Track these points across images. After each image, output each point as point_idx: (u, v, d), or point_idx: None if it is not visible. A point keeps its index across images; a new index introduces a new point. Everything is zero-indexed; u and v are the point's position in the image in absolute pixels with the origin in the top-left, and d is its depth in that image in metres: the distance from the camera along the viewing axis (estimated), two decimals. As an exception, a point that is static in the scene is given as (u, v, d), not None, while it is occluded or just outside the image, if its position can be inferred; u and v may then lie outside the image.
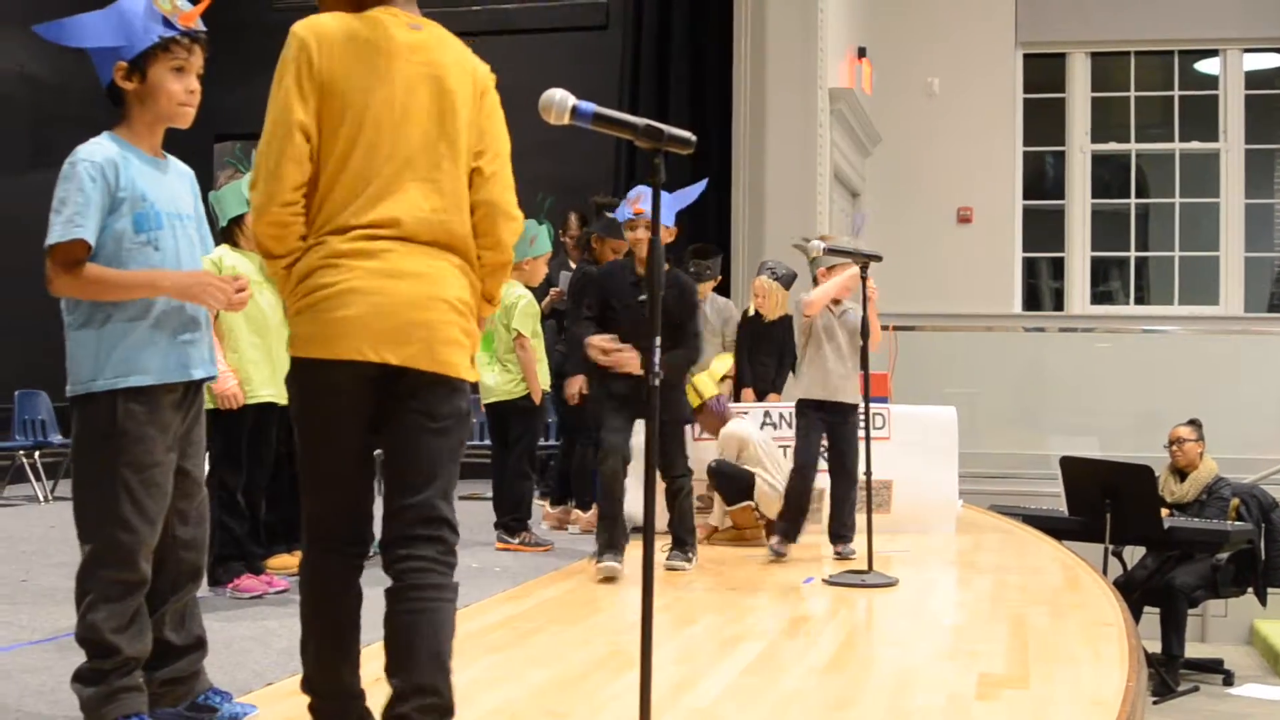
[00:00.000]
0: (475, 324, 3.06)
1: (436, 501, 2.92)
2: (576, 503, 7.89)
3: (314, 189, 2.92)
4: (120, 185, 3.24)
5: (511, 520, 7.02)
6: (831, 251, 6.37)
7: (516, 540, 6.94)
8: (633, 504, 7.29)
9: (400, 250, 2.92)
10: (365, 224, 2.90)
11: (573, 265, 8.77)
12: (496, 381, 7.05)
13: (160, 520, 3.26)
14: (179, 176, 3.45)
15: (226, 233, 5.59)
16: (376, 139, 2.93)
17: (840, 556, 6.62)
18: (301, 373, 2.95)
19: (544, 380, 7.13)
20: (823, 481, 6.91)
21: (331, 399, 2.92)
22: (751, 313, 8.26)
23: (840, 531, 6.72)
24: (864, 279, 6.11)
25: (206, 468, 3.88)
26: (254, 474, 5.57)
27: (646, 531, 2.76)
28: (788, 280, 8.18)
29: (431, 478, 2.92)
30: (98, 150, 3.25)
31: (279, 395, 5.44)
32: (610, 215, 7.95)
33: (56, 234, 3.15)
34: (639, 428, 6.31)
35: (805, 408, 6.69)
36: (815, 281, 6.87)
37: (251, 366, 5.49)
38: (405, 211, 2.93)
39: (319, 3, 3.03)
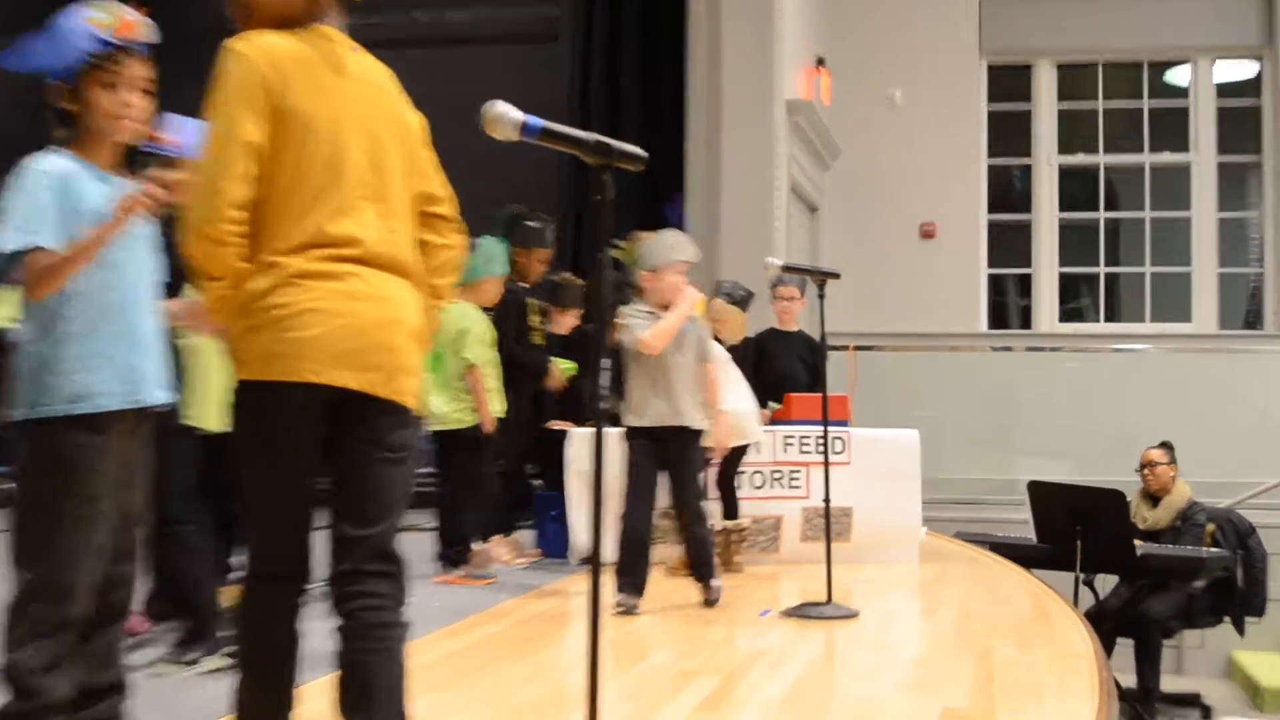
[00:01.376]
0: (423, 356, 3.11)
1: (389, 536, 2.94)
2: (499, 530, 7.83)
3: (261, 210, 2.93)
4: (73, 199, 3.26)
5: (454, 553, 7.01)
6: (789, 269, 6.41)
7: (458, 573, 6.93)
8: (578, 534, 7.31)
9: (364, 273, 2.96)
10: (326, 242, 2.93)
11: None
12: (445, 409, 7.04)
13: (104, 556, 3.25)
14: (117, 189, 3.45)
15: None
16: (330, 156, 2.96)
17: (709, 601, 6.13)
18: (253, 395, 2.94)
19: (496, 408, 7.12)
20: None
21: (286, 424, 2.92)
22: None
23: (703, 573, 6.17)
24: (821, 296, 6.15)
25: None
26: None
27: (594, 564, 2.77)
28: (745, 301, 8.22)
29: (386, 510, 2.95)
30: (48, 162, 3.27)
31: (199, 419, 5.41)
32: (531, 225, 7.96)
33: (10, 240, 3.15)
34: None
35: (634, 436, 6.14)
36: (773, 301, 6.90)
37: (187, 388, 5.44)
38: (365, 230, 2.97)
39: (242, 23, 3.04)
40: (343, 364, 2.90)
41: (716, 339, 8.14)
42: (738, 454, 7.28)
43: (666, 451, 6.09)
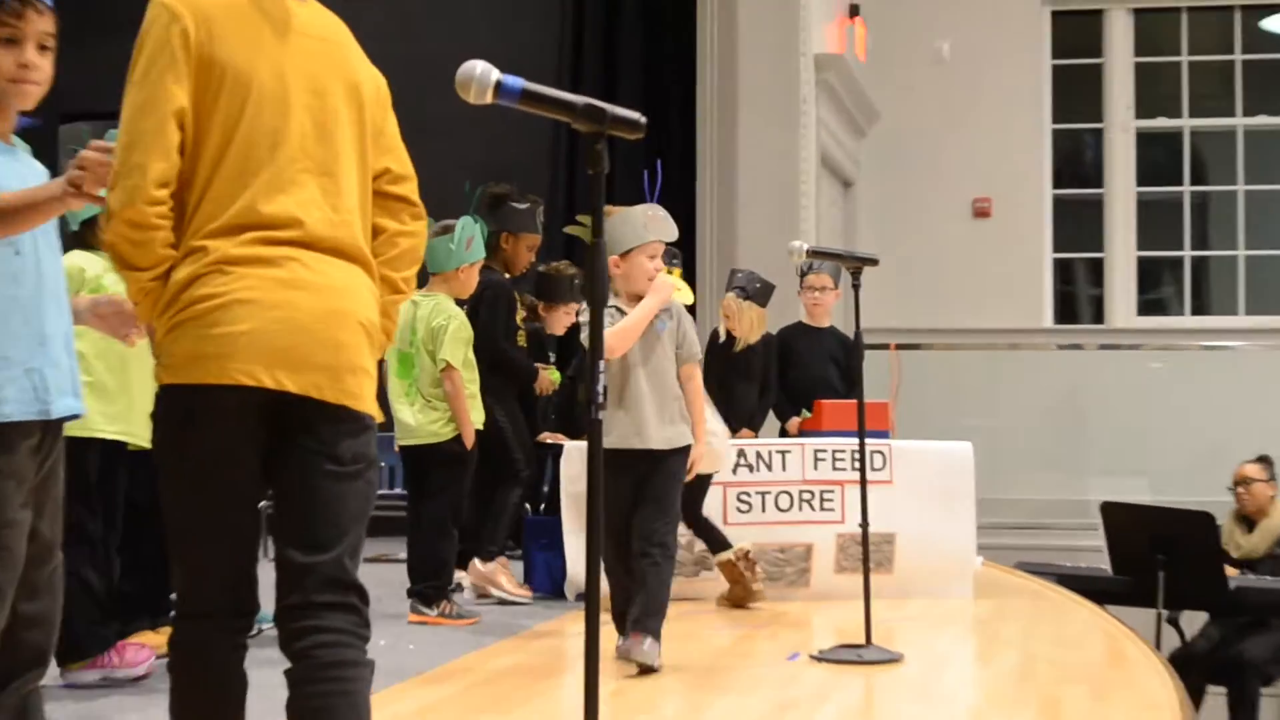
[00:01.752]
0: (378, 356, 3.11)
1: (345, 561, 2.94)
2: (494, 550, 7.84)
3: (188, 186, 2.95)
4: None
5: (429, 588, 7.01)
6: (817, 254, 6.41)
7: (435, 612, 6.94)
8: (575, 564, 7.33)
9: (304, 258, 2.96)
10: (260, 223, 2.93)
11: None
12: (418, 420, 7.02)
13: (11, 593, 3.24)
14: (35, 170, 3.46)
15: (78, 236, 5.57)
16: (264, 122, 2.97)
17: (632, 659, 5.55)
18: (175, 402, 2.95)
19: (476, 419, 7.12)
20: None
21: (213, 433, 2.92)
22: (723, 336, 8.32)
23: (641, 620, 5.62)
24: (856, 286, 6.15)
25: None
26: (106, 527, 5.55)
27: (591, 601, 2.79)
28: (762, 295, 8.24)
29: (340, 532, 2.94)
30: None
31: (131, 435, 5.44)
32: (516, 206, 7.96)
33: None
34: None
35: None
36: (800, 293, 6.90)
37: (100, 396, 5.45)
38: (306, 209, 2.98)
39: None
40: (279, 363, 2.89)
41: (730, 337, 8.20)
42: (701, 484, 7.06)
43: (635, 477, 5.76)
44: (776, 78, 10.61)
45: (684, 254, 9.05)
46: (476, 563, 7.55)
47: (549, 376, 8.04)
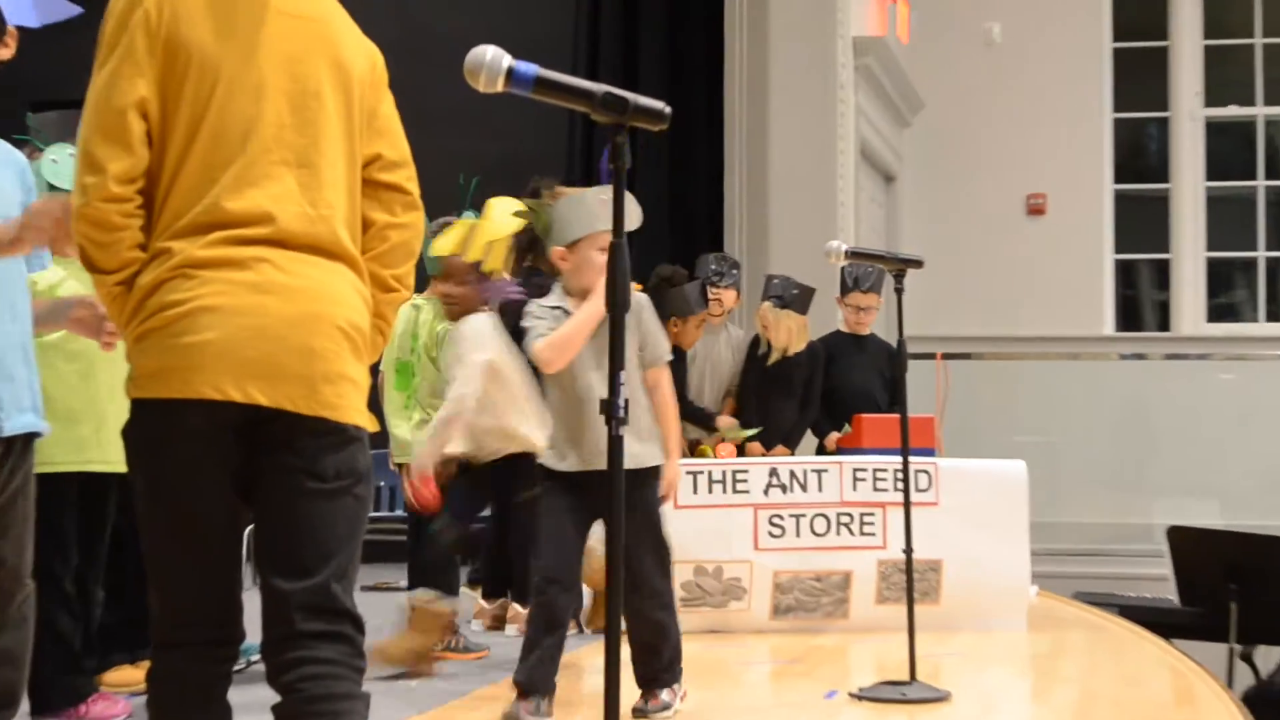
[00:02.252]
0: (368, 360, 3.10)
1: (333, 586, 2.94)
2: (515, 595, 7.89)
3: (155, 182, 2.96)
4: None
5: (432, 619, 7.02)
6: (857, 255, 6.41)
7: (441, 645, 6.95)
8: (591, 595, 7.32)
9: (276, 258, 2.95)
10: (228, 220, 2.93)
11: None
12: (417, 435, 7.03)
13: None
14: (5, 165, 3.47)
15: None
16: (235, 109, 2.97)
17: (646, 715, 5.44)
18: (143, 419, 2.97)
19: None
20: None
21: (183, 452, 2.94)
22: (763, 347, 8.34)
23: (649, 676, 5.47)
24: (899, 290, 6.14)
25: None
26: (85, 560, 5.56)
27: (611, 634, 2.79)
28: (801, 302, 8.25)
29: (326, 555, 2.94)
30: None
31: (103, 462, 5.45)
32: (681, 289, 8.03)
33: None
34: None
35: (547, 480, 5.46)
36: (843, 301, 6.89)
37: (64, 422, 5.44)
38: (279, 204, 2.97)
39: None
40: (249, 375, 2.89)
41: (769, 347, 8.22)
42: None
43: (595, 504, 5.29)
44: (812, 62, 10.61)
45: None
46: (518, 608, 7.50)
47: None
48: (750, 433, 8.16)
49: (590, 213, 5.31)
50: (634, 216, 5.20)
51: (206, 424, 2.91)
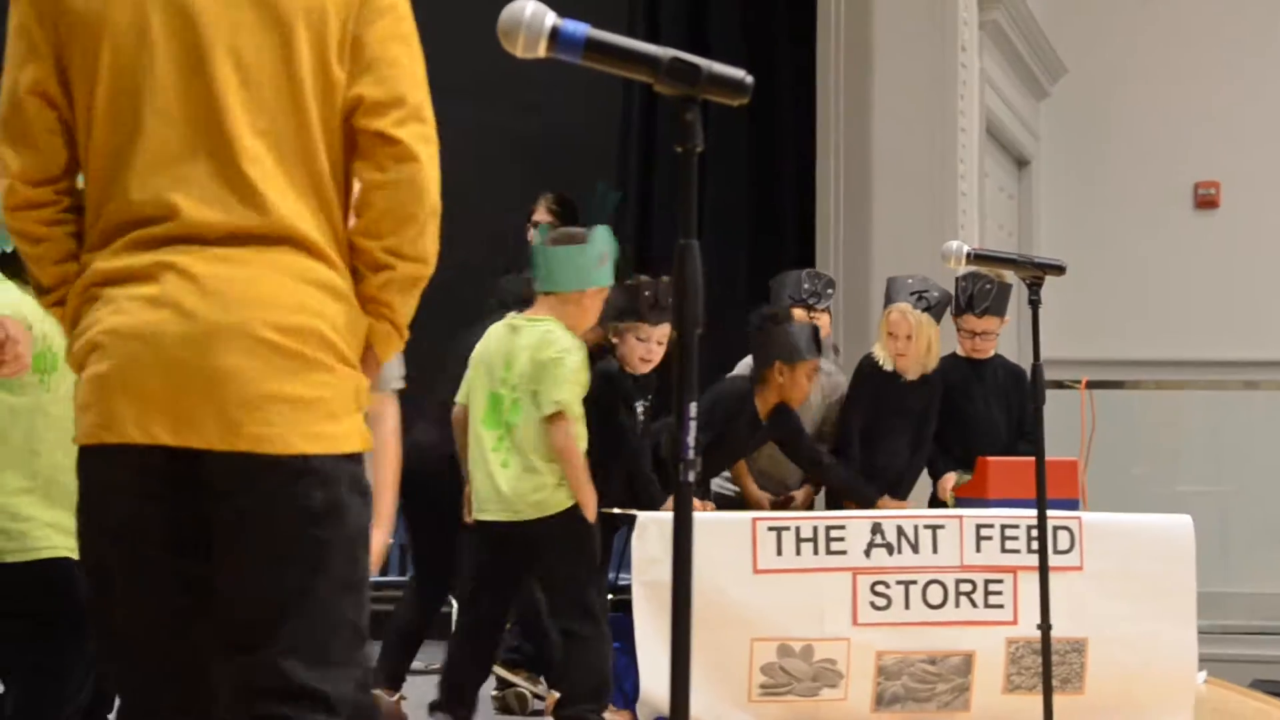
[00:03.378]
0: (339, 360, 3.04)
1: (284, 662, 2.94)
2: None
3: (87, 180, 3.01)
4: None
5: (590, 712, 7.07)
6: (982, 259, 6.36)
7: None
8: (653, 678, 7.30)
9: (182, 261, 2.94)
10: (132, 219, 2.96)
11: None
12: (515, 487, 6.97)
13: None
14: None
15: (6, 261, 5.57)
16: (126, 78, 2.98)
17: None
18: (79, 470, 3.03)
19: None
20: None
21: (112, 507, 2.97)
22: (883, 364, 8.28)
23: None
24: (1034, 302, 6.08)
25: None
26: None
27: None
28: (941, 309, 8.21)
29: (269, 622, 2.95)
30: None
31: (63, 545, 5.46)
32: (788, 329, 8.04)
33: None
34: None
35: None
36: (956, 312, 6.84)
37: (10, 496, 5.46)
38: (184, 189, 2.96)
39: None
40: (148, 410, 2.92)
41: (890, 366, 8.19)
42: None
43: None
44: (926, 18, 10.57)
45: (798, 264, 9.04)
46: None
47: None
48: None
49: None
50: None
51: (128, 475, 2.94)
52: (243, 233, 2.96)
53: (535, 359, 6.92)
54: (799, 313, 8.25)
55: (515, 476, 6.99)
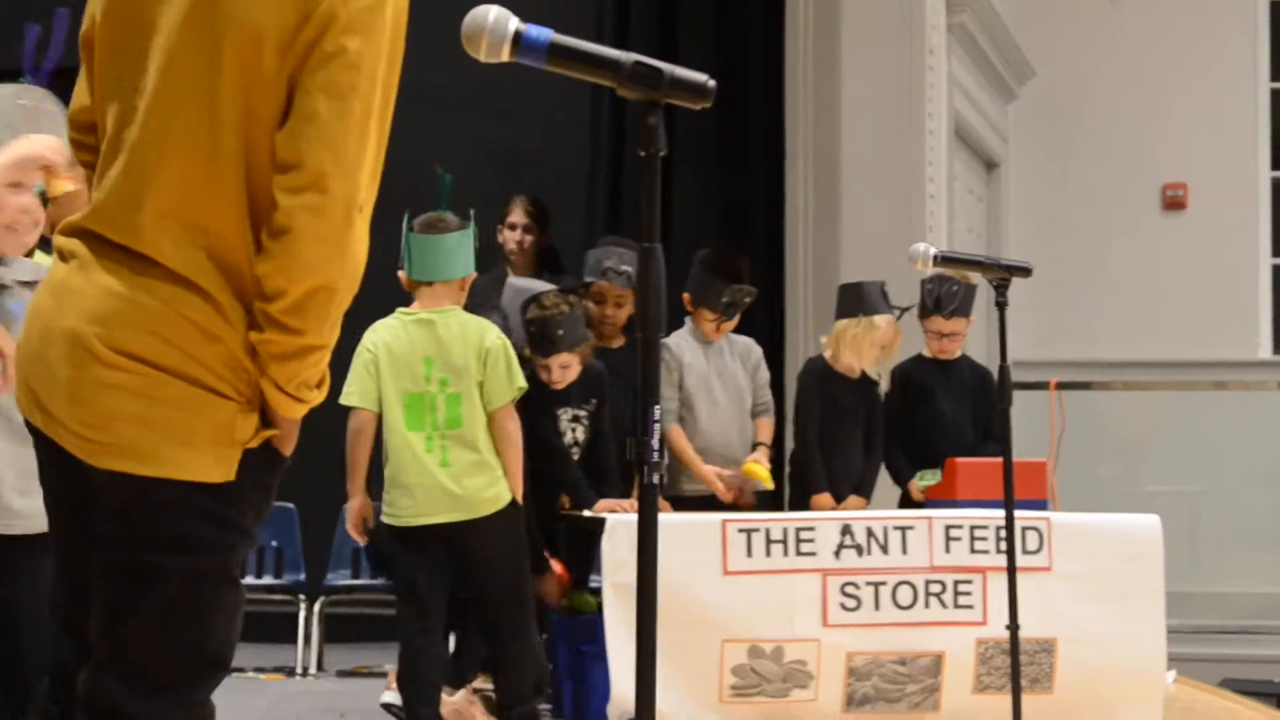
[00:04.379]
0: (206, 390, 2.93)
1: (103, 675, 2.93)
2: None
3: None
4: None
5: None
6: (949, 261, 6.39)
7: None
8: (621, 680, 7.33)
9: (82, 252, 2.98)
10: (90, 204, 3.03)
11: (512, 275, 8.80)
12: (467, 485, 6.97)
13: None
14: None
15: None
16: (108, 64, 3.07)
17: None
18: None
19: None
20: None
21: (45, 482, 3.07)
22: (850, 373, 8.33)
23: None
24: (1001, 304, 6.12)
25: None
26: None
27: None
28: (919, 309, 8.29)
29: (103, 630, 2.95)
30: None
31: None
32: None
33: None
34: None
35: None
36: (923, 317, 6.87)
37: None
38: (106, 188, 3.00)
39: None
40: (32, 389, 2.98)
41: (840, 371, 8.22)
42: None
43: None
44: (893, 20, 10.59)
45: (767, 265, 9.05)
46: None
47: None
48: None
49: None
50: (59, 123, 4.28)
51: (44, 457, 3.02)
52: (130, 247, 2.92)
53: (477, 349, 6.93)
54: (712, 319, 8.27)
55: (463, 473, 6.98)
